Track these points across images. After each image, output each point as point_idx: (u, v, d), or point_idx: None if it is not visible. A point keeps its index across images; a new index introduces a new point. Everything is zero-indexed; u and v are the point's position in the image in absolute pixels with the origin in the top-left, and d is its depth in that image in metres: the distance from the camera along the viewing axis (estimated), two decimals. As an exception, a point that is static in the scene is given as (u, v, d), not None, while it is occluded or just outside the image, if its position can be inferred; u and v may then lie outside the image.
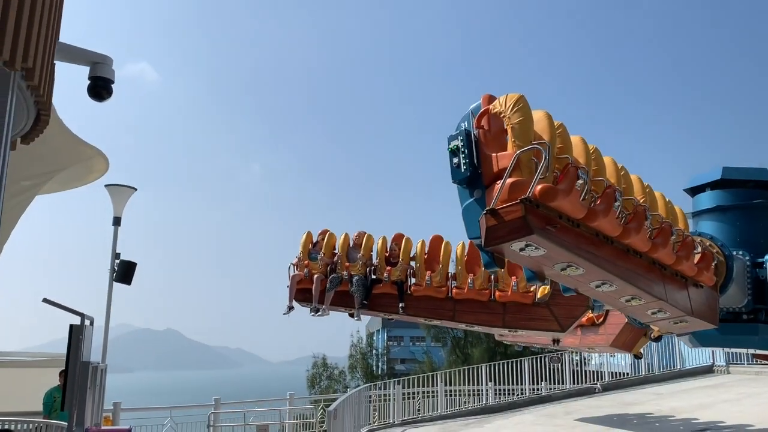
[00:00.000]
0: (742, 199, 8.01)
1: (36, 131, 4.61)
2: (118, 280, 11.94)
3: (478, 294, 9.01)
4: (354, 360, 44.93)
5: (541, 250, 4.85)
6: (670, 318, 6.56)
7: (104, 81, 5.28)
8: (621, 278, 5.55)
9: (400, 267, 9.21)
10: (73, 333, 6.46)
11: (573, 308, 8.82)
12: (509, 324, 8.99)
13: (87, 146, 7.33)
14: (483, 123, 5.25)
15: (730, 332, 7.73)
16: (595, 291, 5.81)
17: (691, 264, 6.54)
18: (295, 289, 9.56)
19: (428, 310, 9.26)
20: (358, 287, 9.11)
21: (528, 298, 8.92)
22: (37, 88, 3.94)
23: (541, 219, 4.76)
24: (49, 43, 4.12)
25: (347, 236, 9.85)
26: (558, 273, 5.39)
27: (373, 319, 76.53)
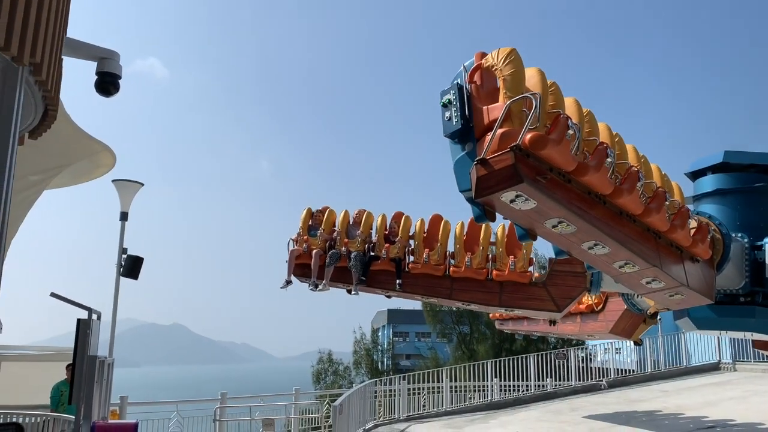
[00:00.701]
0: (744, 183, 8.00)
1: (44, 126, 4.64)
2: (125, 274, 11.99)
3: (476, 273, 9.05)
4: (358, 356, 44.99)
5: (531, 203, 4.82)
6: (666, 289, 6.49)
7: (111, 76, 5.30)
8: (614, 239, 5.51)
9: (399, 244, 9.27)
10: (81, 327, 6.49)
11: (570, 289, 8.85)
12: (505, 303, 9.03)
13: (94, 141, 7.35)
14: (475, 78, 5.25)
15: (727, 314, 7.72)
16: (588, 253, 5.75)
17: (686, 233, 6.46)
18: (294, 263, 9.62)
19: (425, 288, 9.32)
20: (356, 263, 9.17)
21: (525, 277, 8.96)
22: (45, 83, 3.96)
23: (532, 169, 4.74)
24: (56, 38, 4.14)
25: (347, 213, 9.93)
26: (549, 231, 5.35)
27: (379, 314, 76.75)
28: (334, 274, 9.47)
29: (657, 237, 6.23)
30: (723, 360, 20.27)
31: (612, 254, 5.78)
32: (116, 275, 12.06)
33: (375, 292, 9.64)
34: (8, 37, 3.36)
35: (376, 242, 9.44)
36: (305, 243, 9.68)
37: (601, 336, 11.72)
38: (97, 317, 6.82)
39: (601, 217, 5.46)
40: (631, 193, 5.65)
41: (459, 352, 38.75)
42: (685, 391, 15.96)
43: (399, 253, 9.26)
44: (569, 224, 5.20)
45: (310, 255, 9.51)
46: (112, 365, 8.60)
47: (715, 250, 7.24)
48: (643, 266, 5.99)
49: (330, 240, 9.60)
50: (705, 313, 7.81)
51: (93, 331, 6.60)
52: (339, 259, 9.40)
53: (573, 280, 8.81)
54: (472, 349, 37.69)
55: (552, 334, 12.99)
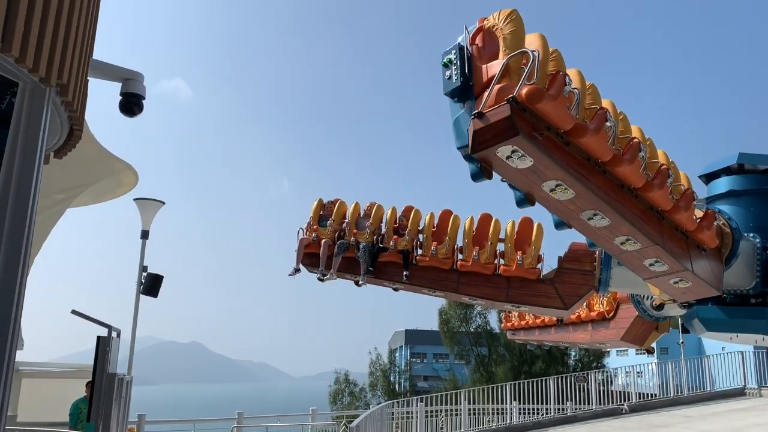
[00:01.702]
0: (758, 185, 7.92)
1: (69, 146, 4.72)
2: (145, 292, 12.08)
3: (483, 267, 8.97)
4: (374, 377, 44.66)
5: (527, 160, 4.76)
6: (670, 273, 6.32)
7: (135, 97, 5.39)
8: (615, 210, 5.41)
9: (408, 237, 9.25)
10: (100, 345, 6.53)
11: (578, 287, 8.73)
12: (512, 299, 8.90)
13: (117, 160, 7.47)
14: (477, 40, 5.23)
15: (737, 316, 7.58)
16: (588, 224, 5.63)
17: (690, 216, 6.31)
18: (302, 252, 9.63)
19: (432, 281, 9.26)
20: (364, 253, 9.17)
21: (533, 274, 8.86)
22: (71, 103, 4.04)
23: (528, 124, 4.69)
24: (83, 60, 4.23)
25: (358, 205, 9.95)
26: (547, 195, 5.26)
27: (396, 334, 76.29)
28: (343, 264, 9.46)
29: (661, 218, 6.08)
30: (749, 385, 19.82)
31: (613, 227, 5.65)
32: (136, 293, 12.15)
33: (382, 283, 9.60)
34: (37, 59, 3.45)
35: (384, 234, 9.45)
36: (315, 233, 9.71)
37: (612, 344, 11.59)
38: (116, 335, 6.87)
39: (601, 185, 5.35)
40: (632, 163, 5.50)
41: (477, 374, 38.32)
42: (710, 417, 15.61)
43: (407, 246, 9.25)
44: (567, 188, 5.11)
45: (320, 245, 9.53)
46: (130, 383, 8.63)
47: (724, 244, 7.09)
48: (646, 244, 5.84)
49: (339, 230, 9.63)
50: (715, 313, 7.68)
51: (112, 348, 6.65)
52: (347, 249, 9.41)
53: (581, 278, 8.71)
54: (490, 372, 37.25)
55: (564, 343, 12.85)
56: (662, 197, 5.93)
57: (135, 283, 12.18)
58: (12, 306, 3.39)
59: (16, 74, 3.51)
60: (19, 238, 3.47)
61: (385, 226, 9.51)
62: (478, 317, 39.11)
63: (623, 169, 5.47)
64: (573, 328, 11.65)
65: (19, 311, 3.51)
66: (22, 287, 3.51)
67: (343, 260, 9.42)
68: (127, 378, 8.12)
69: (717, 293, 6.91)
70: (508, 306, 9.23)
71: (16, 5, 3.26)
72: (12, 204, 3.46)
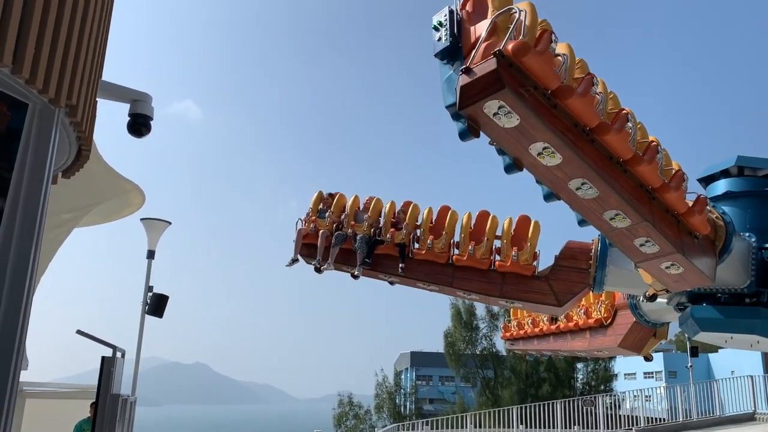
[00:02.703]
0: (755, 187, 7.97)
1: (77, 166, 4.75)
2: (150, 312, 12.06)
3: (478, 262, 8.96)
4: (380, 399, 44.27)
5: (514, 118, 4.77)
6: (661, 256, 6.24)
7: (143, 118, 5.44)
8: (603, 181, 5.38)
9: (405, 230, 9.29)
10: (105, 365, 6.52)
11: (572, 284, 8.70)
12: (506, 294, 8.87)
13: (124, 180, 7.51)
14: (467, 6, 5.29)
15: (731, 315, 7.56)
16: (576, 195, 5.59)
17: (681, 197, 6.25)
18: (300, 243, 9.65)
19: (427, 274, 9.25)
20: (361, 244, 9.21)
21: (528, 270, 8.84)
22: (80, 124, 4.08)
23: (514, 80, 4.70)
24: (92, 81, 4.28)
25: (357, 198, 9.99)
26: (535, 160, 5.23)
27: (402, 356, 75.80)
28: (340, 256, 9.48)
29: (651, 198, 6.04)
30: (759, 410, 19.56)
31: (601, 199, 5.60)
32: (141, 313, 12.14)
33: (377, 276, 9.59)
34: (47, 80, 3.49)
35: (382, 227, 9.50)
36: (313, 224, 9.75)
37: (610, 351, 11.52)
38: (121, 355, 6.85)
39: (589, 154, 5.32)
40: (619, 133, 5.47)
41: (483, 397, 37.96)
42: (719, 443, 15.39)
43: (404, 239, 9.29)
44: (554, 152, 5.10)
45: (318, 236, 9.57)
46: (134, 404, 8.59)
47: (717, 237, 7.06)
48: (635, 220, 5.78)
49: (338, 223, 9.68)
50: (710, 313, 7.67)
51: (117, 369, 6.63)
52: (345, 241, 9.45)
53: (576, 275, 8.70)
54: (496, 394, 36.88)
55: (562, 352, 12.77)
56: (651, 173, 5.87)
57: (140, 303, 12.18)
58: (18, 325, 3.39)
59: (26, 95, 3.55)
60: (26, 257, 3.48)
61: (383, 219, 9.60)
62: (483, 339, 38.87)
63: (611, 137, 5.44)
64: (571, 336, 11.64)
65: (25, 330, 3.51)
66: (28, 306, 3.52)
67: (340, 252, 9.47)
68: (131, 399, 8.08)
69: (710, 283, 6.87)
70: (502, 301, 9.23)
71: (27, 27, 3.31)
72: (20, 223, 3.48)
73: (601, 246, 8.40)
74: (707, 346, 71.52)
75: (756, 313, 7.44)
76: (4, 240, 3.41)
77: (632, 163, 5.73)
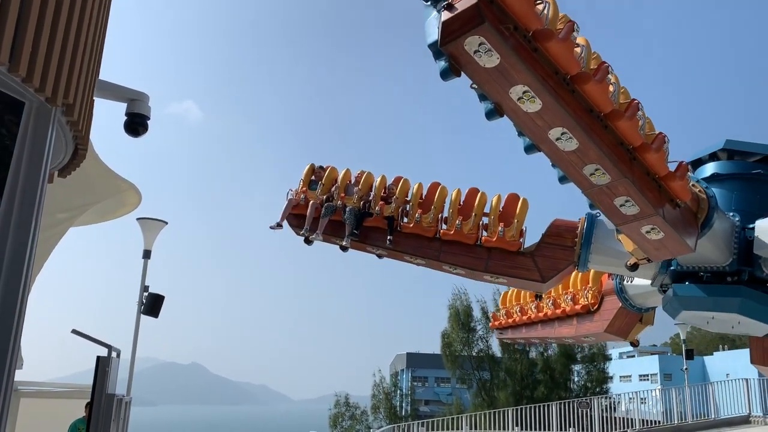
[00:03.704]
0: (742, 170, 8.05)
1: (73, 165, 4.74)
2: (146, 312, 12.04)
3: (465, 237, 9.08)
4: (377, 400, 44.26)
5: (494, 57, 4.82)
6: (641, 218, 6.25)
7: (140, 117, 5.43)
8: (583, 131, 5.42)
9: (394, 204, 9.40)
10: (100, 365, 6.49)
11: (557, 261, 8.80)
12: (491, 269, 8.97)
13: (120, 180, 7.50)
14: None
15: (713, 293, 7.63)
16: (556, 146, 5.61)
17: (661, 159, 6.24)
18: (289, 211, 9.75)
19: (414, 248, 9.35)
20: (350, 216, 9.30)
21: (514, 246, 8.93)
22: (76, 123, 4.07)
23: (495, 16, 4.78)
24: (89, 80, 4.27)
25: (348, 172, 10.08)
26: (515, 105, 5.27)
27: (398, 357, 75.81)
28: (329, 228, 9.55)
29: (632, 158, 6.05)
30: (753, 413, 19.60)
31: (581, 152, 5.62)
32: (137, 313, 12.10)
33: (365, 249, 9.68)
34: (43, 79, 3.48)
35: (372, 200, 9.58)
36: (303, 194, 9.84)
37: (597, 337, 11.57)
38: (116, 355, 6.83)
39: (569, 102, 5.36)
40: (600, 83, 5.50)
41: (479, 398, 38.00)
42: (714, 445, 15.43)
43: (393, 213, 9.39)
44: (534, 97, 5.14)
45: (308, 206, 9.66)
46: (129, 404, 8.57)
47: (700, 209, 7.11)
48: (615, 176, 5.80)
49: (328, 194, 9.76)
50: (692, 291, 7.73)
51: (112, 369, 6.61)
52: (334, 212, 9.53)
53: (561, 253, 8.76)
54: (492, 396, 36.91)
55: (550, 339, 12.83)
56: (631, 129, 5.88)
57: (136, 303, 12.15)
58: (12, 325, 3.38)
59: (23, 93, 3.54)
60: (22, 256, 3.47)
61: (373, 193, 9.69)
62: (480, 341, 38.93)
63: (591, 87, 5.45)
64: (558, 323, 11.72)
65: (20, 330, 3.50)
66: (23, 306, 3.50)
67: (329, 223, 9.55)
68: (126, 399, 8.06)
69: (691, 251, 6.88)
70: (488, 277, 9.31)
71: (24, 26, 3.31)
72: (15, 222, 3.47)
73: (587, 224, 8.51)
74: (702, 349, 71.72)
75: (737, 291, 7.51)
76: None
77: (612, 117, 5.74)
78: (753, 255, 7.45)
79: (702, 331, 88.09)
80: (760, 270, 7.47)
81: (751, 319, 7.62)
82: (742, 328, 8.14)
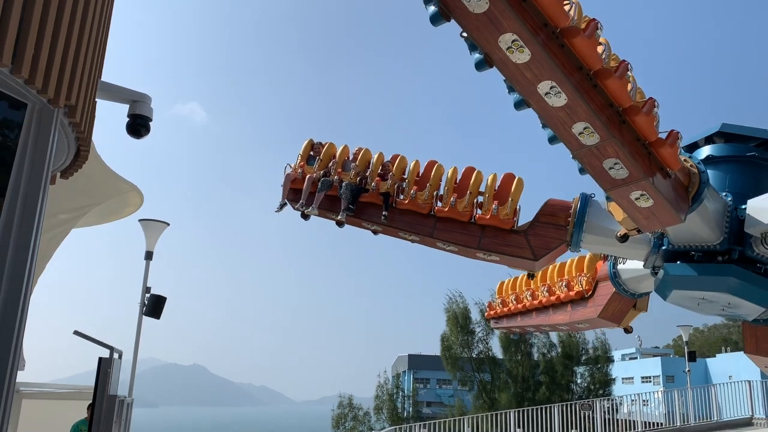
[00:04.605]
0: (736, 152, 8.10)
1: (75, 166, 4.75)
2: (148, 314, 12.04)
3: (459, 214, 9.17)
4: (380, 401, 44.25)
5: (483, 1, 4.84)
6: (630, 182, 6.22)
7: (142, 119, 5.43)
8: (572, 86, 5.41)
9: (390, 181, 9.47)
10: (102, 366, 6.50)
11: (549, 240, 8.89)
12: (484, 246, 9.06)
13: (123, 181, 7.51)
14: None
15: (704, 272, 7.63)
16: (545, 101, 5.60)
17: (650, 122, 6.18)
18: (288, 187, 9.82)
19: (409, 224, 9.45)
20: (346, 191, 9.40)
21: (507, 224, 9.01)
22: (79, 125, 4.07)
23: None
24: (91, 82, 4.27)
25: (347, 148, 10.19)
26: (505, 56, 5.27)
27: (400, 359, 75.75)
28: (325, 203, 9.64)
29: (621, 121, 6.01)
30: (756, 415, 19.55)
31: (570, 108, 5.61)
32: (139, 314, 12.11)
33: (360, 224, 9.76)
34: (46, 81, 3.48)
35: (368, 176, 9.66)
36: (300, 169, 9.91)
37: (591, 323, 11.58)
38: (118, 356, 6.84)
39: (558, 56, 5.35)
40: (590, 39, 5.49)
41: (480, 400, 37.93)
42: (717, 447, 15.39)
43: (389, 189, 9.46)
44: (523, 46, 5.14)
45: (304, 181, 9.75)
46: (131, 405, 8.57)
47: (691, 183, 7.09)
48: (604, 136, 5.79)
49: (326, 170, 9.84)
50: (683, 270, 7.72)
51: (114, 370, 6.61)
52: (330, 187, 9.62)
53: (554, 232, 8.82)
54: (493, 398, 36.85)
55: (544, 326, 12.84)
56: (621, 89, 5.84)
57: (138, 304, 12.16)
58: (15, 325, 3.38)
59: (25, 95, 3.54)
60: (24, 257, 3.48)
61: (370, 169, 9.76)
62: (479, 343, 38.86)
63: (580, 41, 5.43)
64: (553, 310, 11.76)
65: (22, 331, 3.50)
66: (25, 307, 3.51)
67: (326, 198, 9.64)
68: (128, 400, 8.06)
69: (680, 221, 6.87)
70: (480, 254, 9.38)
71: (26, 28, 3.31)
72: (18, 223, 3.47)
73: (580, 204, 8.57)
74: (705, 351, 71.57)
75: (727, 270, 7.50)
76: (2, 240, 3.40)
77: (601, 75, 5.71)
78: (744, 234, 7.46)
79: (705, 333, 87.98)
80: (750, 249, 7.47)
81: (741, 299, 7.62)
82: (732, 310, 8.15)
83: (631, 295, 10.06)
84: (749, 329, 9.08)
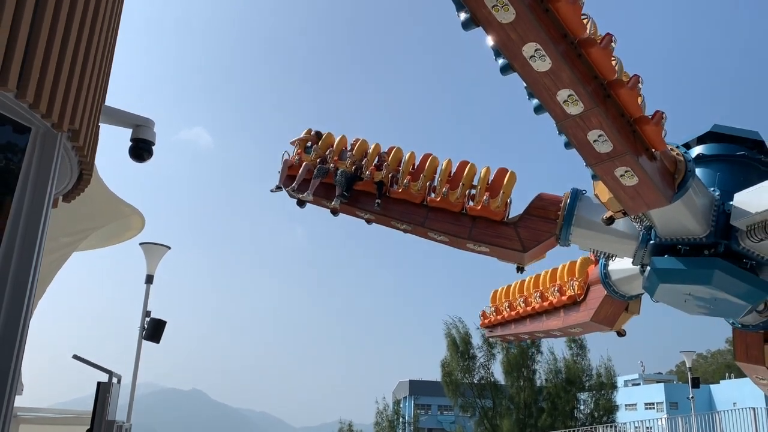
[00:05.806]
0: (726, 152, 8.22)
1: (78, 190, 4.77)
2: (148, 338, 11.98)
3: (451, 205, 9.32)
4: (380, 428, 43.81)
5: None
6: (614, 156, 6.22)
7: (145, 143, 5.47)
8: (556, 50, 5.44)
9: (385, 171, 9.60)
10: (100, 391, 6.45)
11: (539, 233, 9.06)
12: (475, 237, 9.22)
13: (124, 205, 7.54)
14: None
15: (690, 265, 7.66)
16: (530, 65, 5.61)
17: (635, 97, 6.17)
18: (286, 172, 9.97)
19: (401, 213, 9.64)
20: (341, 179, 9.58)
21: (498, 216, 9.18)
22: (82, 148, 4.10)
23: None
24: (95, 106, 4.31)
25: (344, 138, 10.38)
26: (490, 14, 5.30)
27: (401, 385, 75.14)
28: (320, 190, 9.81)
29: (606, 96, 6.00)
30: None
31: (554, 73, 5.62)
32: (138, 338, 12.05)
33: (354, 212, 9.90)
34: (50, 105, 3.52)
35: (364, 165, 9.80)
36: (298, 155, 10.06)
37: (584, 327, 11.58)
38: (117, 381, 6.79)
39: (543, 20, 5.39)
40: (573, 5, 5.50)
41: (481, 427, 37.54)
42: (722, 476, 15.17)
43: (384, 178, 9.60)
44: (508, 5, 5.18)
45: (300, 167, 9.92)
46: (129, 431, 8.49)
47: (677, 171, 7.11)
48: (588, 105, 5.80)
49: (322, 158, 9.99)
50: (671, 263, 7.76)
51: (112, 395, 6.57)
52: (326, 175, 9.79)
53: (544, 225, 8.97)
54: (495, 425, 36.46)
55: (538, 332, 12.83)
56: (604, 59, 5.86)
57: (137, 328, 12.10)
58: (14, 349, 3.37)
59: (30, 119, 3.58)
60: (25, 280, 3.48)
61: (366, 159, 9.91)
62: (481, 369, 38.57)
63: (564, 6, 5.47)
64: (546, 316, 11.79)
65: (21, 355, 3.48)
66: (25, 330, 3.50)
67: (321, 186, 9.81)
68: (126, 425, 7.99)
69: (667, 203, 6.90)
70: (470, 244, 9.50)
71: (32, 53, 3.35)
72: (19, 246, 3.48)
73: (571, 199, 8.69)
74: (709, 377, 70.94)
75: (712, 263, 7.52)
76: (3, 262, 3.40)
77: (586, 44, 5.75)
78: (731, 228, 7.49)
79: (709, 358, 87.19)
80: (736, 243, 7.47)
81: (726, 295, 7.64)
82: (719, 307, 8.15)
83: (621, 297, 10.14)
84: (740, 336, 9.18)
